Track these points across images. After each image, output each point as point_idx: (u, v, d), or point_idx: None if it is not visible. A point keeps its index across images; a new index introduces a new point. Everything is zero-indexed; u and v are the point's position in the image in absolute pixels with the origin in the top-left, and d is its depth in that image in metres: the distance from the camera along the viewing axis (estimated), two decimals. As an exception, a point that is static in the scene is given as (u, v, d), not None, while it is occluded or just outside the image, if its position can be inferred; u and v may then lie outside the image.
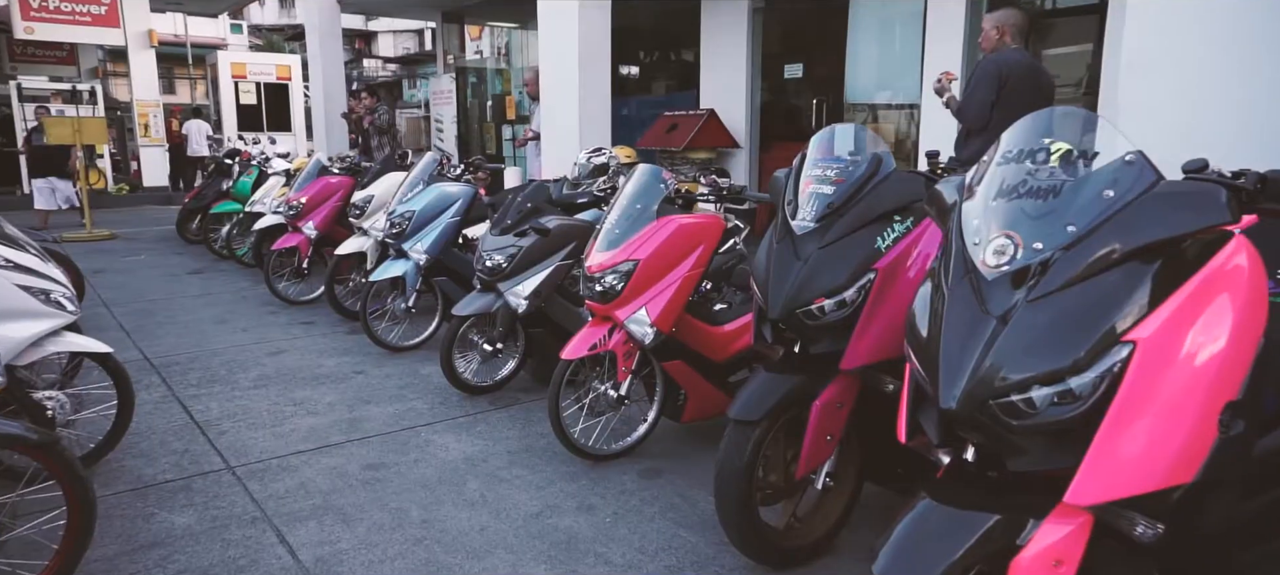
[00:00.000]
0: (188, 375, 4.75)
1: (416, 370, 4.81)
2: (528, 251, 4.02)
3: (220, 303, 6.76)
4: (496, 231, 4.14)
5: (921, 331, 1.69)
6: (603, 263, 3.23)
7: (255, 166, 8.80)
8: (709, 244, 3.26)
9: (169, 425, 3.94)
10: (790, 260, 2.43)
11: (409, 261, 5.02)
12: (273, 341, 5.50)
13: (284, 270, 6.68)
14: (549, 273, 4.06)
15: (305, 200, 6.45)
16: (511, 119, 11.27)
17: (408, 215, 4.98)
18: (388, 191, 5.90)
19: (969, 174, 1.83)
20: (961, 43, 6.11)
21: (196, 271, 8.27)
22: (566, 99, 7.01)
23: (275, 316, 6.24)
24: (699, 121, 7.77)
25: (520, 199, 4.17)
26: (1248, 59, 3.51)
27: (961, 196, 1.77)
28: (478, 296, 4.16)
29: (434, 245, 4.97)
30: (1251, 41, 3.51)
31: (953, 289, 1.63)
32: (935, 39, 6.28)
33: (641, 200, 3.28)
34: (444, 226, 5.00)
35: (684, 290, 3.21)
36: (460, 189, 5.08)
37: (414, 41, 44.70)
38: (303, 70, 16.96)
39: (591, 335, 3.27)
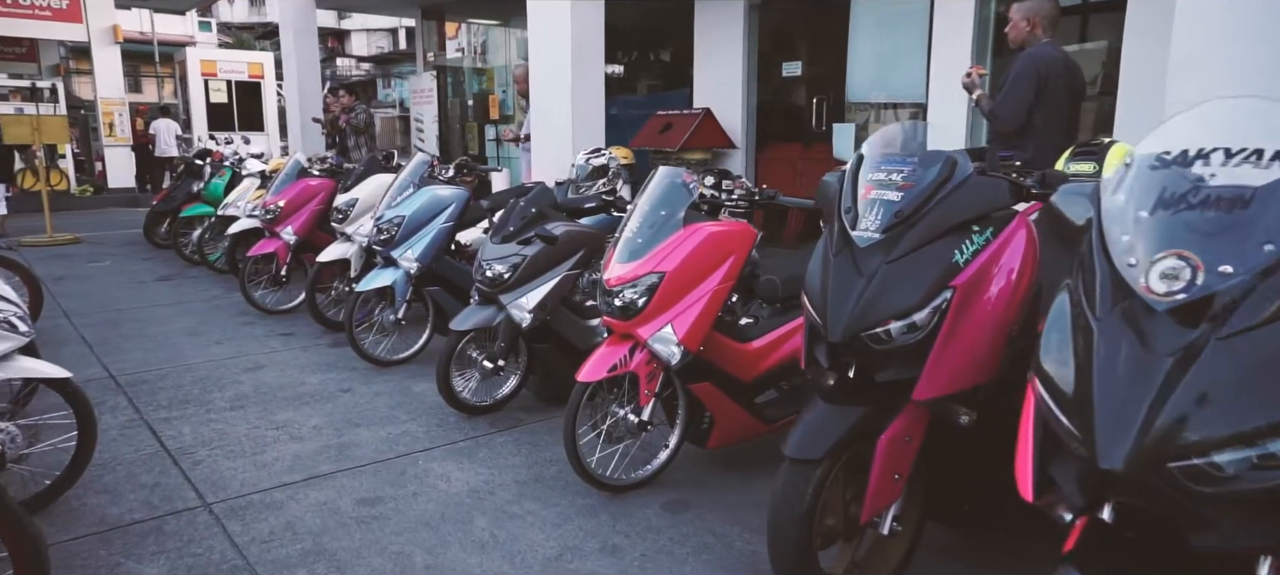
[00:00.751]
0: (157, 395, 4.35)
1: (408, 388, 4.46)
2: (532, 261, 3.70)
3: (192, 312, 6.34)
4: (497, 239, 3.81)
5: (1061, 371, 1.40)
6: (623, 275, 2.92)
7: (228, 167, 8.36)
8: (740, 254, 2.96)
9: (137, 455, 3.56)
10: (852, 276, 2.14)
11: (398, 270, 4.67)
12: (250, 355, 5.11)
13: (261, 278, 6.28)
14: (555, 284, 3.74)
15: (284, 204, 6.06)
16: (495, 118, 10.90)
17: (397, 220, 4.63)
18: (373, 195, 5.54)
19: (1101, 182, 1.54)
20: (970, 38, 5.87)
21: (166, 278, 7.82)
22: (558, 98, 6.68)
23: (252, 327, 5.85)
24: (695, 121, 7.48)
25: (523, 204, 3.84)
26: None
27: (1098, 208, 1.48)
28: (477, 309, 3.83)
29: (426, 253, 4.62)
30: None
31: (1103, 322, 1.35)
32: (942, 34, 6.04)
33: (666, 206, 2.97)
34: (436, 232, 4.65)
35: (713, 305, 2.91)
36: (453, 192, 4.74)
37: (388, 40, 44.01)
38: (276, 69, 16.43)
39: (610, 355, 2.96)
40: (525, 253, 3.71)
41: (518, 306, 3.71)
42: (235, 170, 8.29)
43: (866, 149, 2.35)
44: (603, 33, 6.68)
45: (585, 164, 5.32)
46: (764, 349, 3.18)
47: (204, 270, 8.01)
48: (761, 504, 3.07)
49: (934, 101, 6.10)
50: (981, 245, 2.10)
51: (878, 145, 2.34)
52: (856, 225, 2.19)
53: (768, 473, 3.31)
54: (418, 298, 4.84)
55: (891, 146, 2.31)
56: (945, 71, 6.06)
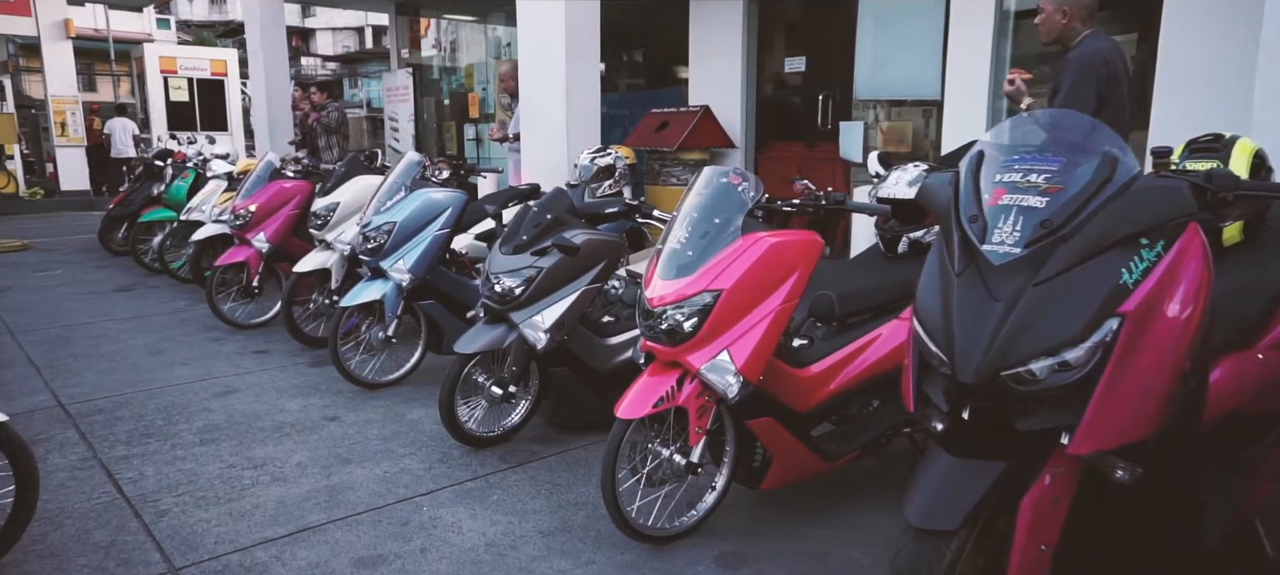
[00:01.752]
0: (114, 427, 3.81)
1: (401, 414, 3.97)
2: (549, 274, 3.24)
3: (153, 327, 5.76)
4: (508, 249, 3.34)
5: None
6: (671, 294, 2.48)
7: (191, 169, 7.75)
8: (806, 267, 2.53)
9: (90, 504, 3.03)
10: (984, 302, 1.72)
11: (389, 282, 4.17)
12: (220, 378, 4.57)
13: (230, 289, 5.72)
14: (574, 299, 3.28)
15: (255, 208, 5.51)
16: (475, 117, 10.38)
17: (387, 228, 4.13)
18: (356, 199, 5.03)
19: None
20: (990, 31, 5.53)
21: (124, 289, 7.19)
22: (551, 95, 6.21)
23: (221, 344, 5.29)
24: (693, 119, 7.06)
25: (536, 210, 3.37)
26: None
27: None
28: (485, 329, 3.36)
29: (420, 263, 4.13)
30: None
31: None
32: (959, 27, 5.69)
33: (720, 213, 2.54)
34: (431, 240, 4.16)
35: (776, 327, 2.49)
36: (449, 196, 4.25)
37: (354, 39, 43.03)
38: (240, 66, 15.68)
39: (655, 387, 2.52)
40: (540, 265, 3.25)
41: (532, 325, 3.25)
42: (199, 172, 7.69)
43: (991, 142, 1.93)
44: (598, 24, 6.23)
45: (590, 164, 4.88)
46: (822, 375, 2.76)
47: (165, 279, 7.39)
48: (823, 555, 2.66)
49: (950, 98, 5.75)
50: (1152, 262, 1.69)
51: (1007, 137, 1.92)
52: (987, 238, 1.77)
53: (823, 515, 2.91)
54: (409, 312, 4.35)
55: (1027, 139, 1.89)
56: (962, 67, 5.72)
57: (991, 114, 5.59)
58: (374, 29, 43.24)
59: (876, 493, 3.09)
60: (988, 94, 5.59)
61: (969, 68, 5.66)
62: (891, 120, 6.39)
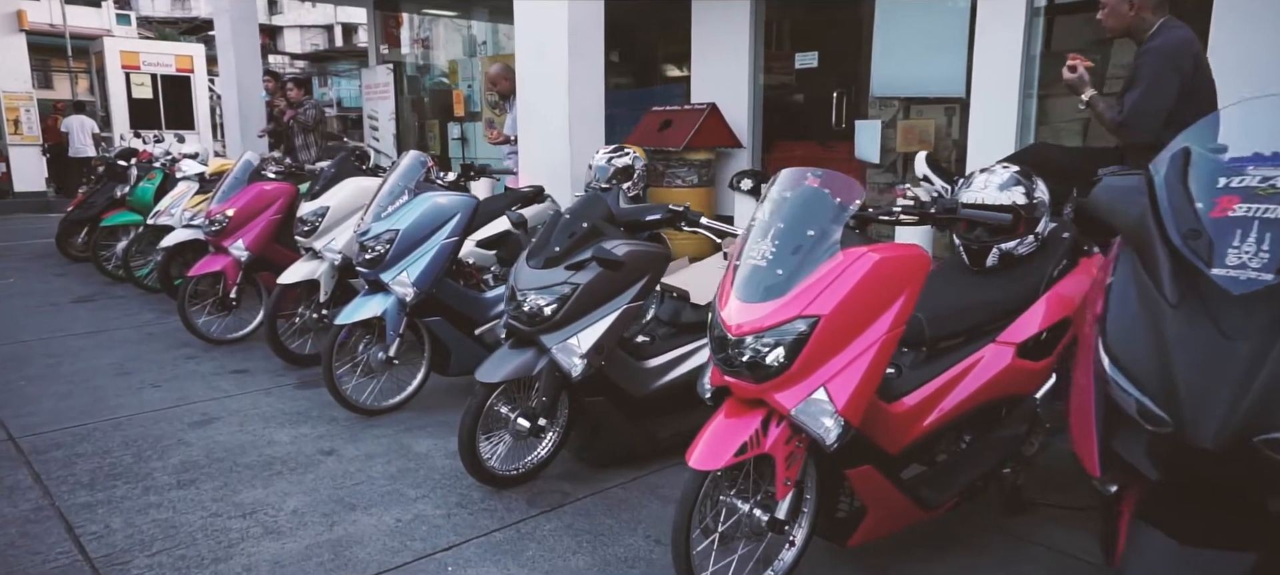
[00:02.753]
0: (75, 467, 3.29)
1: (406, 446, 3.50)
2: (587, 291, 2.80)
3: (118, 343, 5.20)
4: (537, 262, 2.90)
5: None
6: (757, 320, 2.06)
7: (158, 169, 7.16)
8: (914, 288, 2.13)
9: (45, 567, 2.53)
10: (1216, 343, 1.34)
11: (389, 298, 3.70)
12: (197, 403, 4.06)
13: (204, 300, 5.18)
14: (615, 319, 2.85)
15: (233, 213, 4.98)
16: (460, 115, 9.85)
17: (389, 236, 3.65)
18: (348, 203, 4.54)
19: None
20: (1021, 24, 5.19)
21: (84, 299, 6.58)
22: (553, 92, 5.76)
23: (196, 363, 4.76)
24: (699, 117, 6.64)
25: (568, 217, 2.93)
26: None
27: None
28: (511, 355, 2.91)
29: (425, 276, 3.66)
30: None
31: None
32: (988, 19, 5.33)
33: (814, 223, 2.12)
34: (438, 250, 3.70)
35: (881, 360, 2.08)
36: (457, 200, 3.78)
37: (323, 37, 42.01)
38: (207, 62, 14.96)
39: (735, 432, 2.09)
40: (576, 281, 2.81)
41: (566, 350, 2.81)
42: (167, 172, 7.10)
43: (1201, 138, 1.54)
44: (602, 15, 5.81)
45: (606, 164, 4.45)
46: (917, 410, 2.36)
47: (130, 289, 6.80)
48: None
49: (977, 96, 5.41)
50: None
51: (1233, 133, 1.53)
52: (1216, 260, 1.39)
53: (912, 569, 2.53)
54: (411, 329, 3.88)
55: (1265, 135, 1.50)
56: (990, 63, 5.36)
57: (1021, 113, 5.26)
58: (344, 27, 42.28)
59: (968, 545, 2.70)
60: (1017, 91, 5.25)
61: (997, 64, 5.31)
62: (911, 118, 6.03)
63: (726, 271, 2.24)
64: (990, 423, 2.60)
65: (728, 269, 2.24)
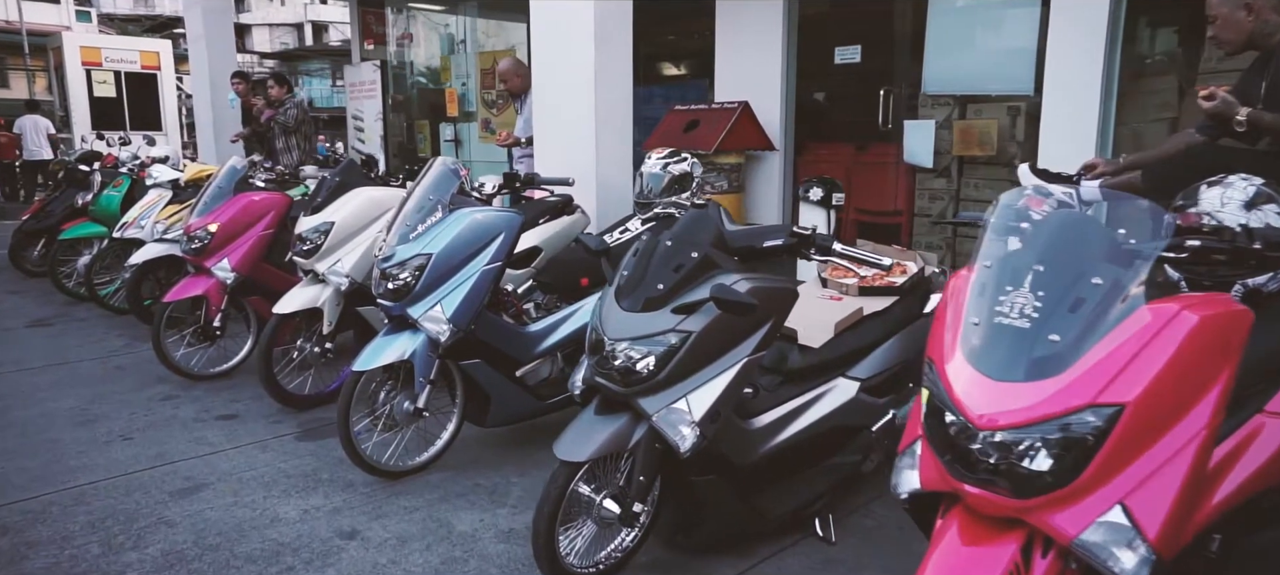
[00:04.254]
0: (27, 564, 2.54)
1: (446, 522, 2.80)
2: (702, 341, 2.14)
3: (81, 380, 4.41)
4: (633, 303, 2.22)
5: None
6: (1024, 410, 1.41)
7: (125, 175, 6.33)
8: (1236, 358, 1.50)
9: None
10: None
11: (418, 337, 2.99)
12: (179, 463, 3.31)
13: (183, 328, 4.42)
14: (734, 377, 2.19)
15: (217, 228, 4.22)
16: (454, 115, 9.09)
17: (419, 263, 2.94)
18: (355, 218, 3.81)
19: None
20: (1104, 19, 4.61)
21: (41, 323, 5.75)
22: (576, 87, 5.08)
23: (174, 406, 4.00)
24: (730, 117, 5.99)
25: (671, 243, 2.26)
26: None
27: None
28: (598, 423, 2.23)
29: (464, 310, 2.96)
30: None
31: None
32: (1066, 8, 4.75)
33: (1098, 267, 1.47)
34: (478, 279, 3.00)
35: (1200, 463, 1.44)
36: (499, 218, 3.09)
37: (292, 36, 40.66)
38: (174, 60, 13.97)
39: (983, 563, 1.45)
40: (687, 328, 2.14)
41: (674, 417, 2.14)
42: (135, 178, 6.28)
43: None
44: (630, 3, 5.15)
45: (661, 171, 3.79)
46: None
47: (94, 310, 5.98)
48: None
49: (1050, 94, 4.82)
50: None
51: None
52: None
53: None
54: (439, 372, 3.17)
55: None
56: (1065, 57, 4.78)
57: (1103, 111, 4.69)
58: (314, 26, 41.00)
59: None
60: (1099, 89, 4.68)
61: (1072, 59, 4.74)
62: (968, 119, 5.45)
63: (938, 327, 1.59)
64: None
65: (942, 327, 1.59)
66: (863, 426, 2.69)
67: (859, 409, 2.65)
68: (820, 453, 2.62)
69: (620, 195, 5.24)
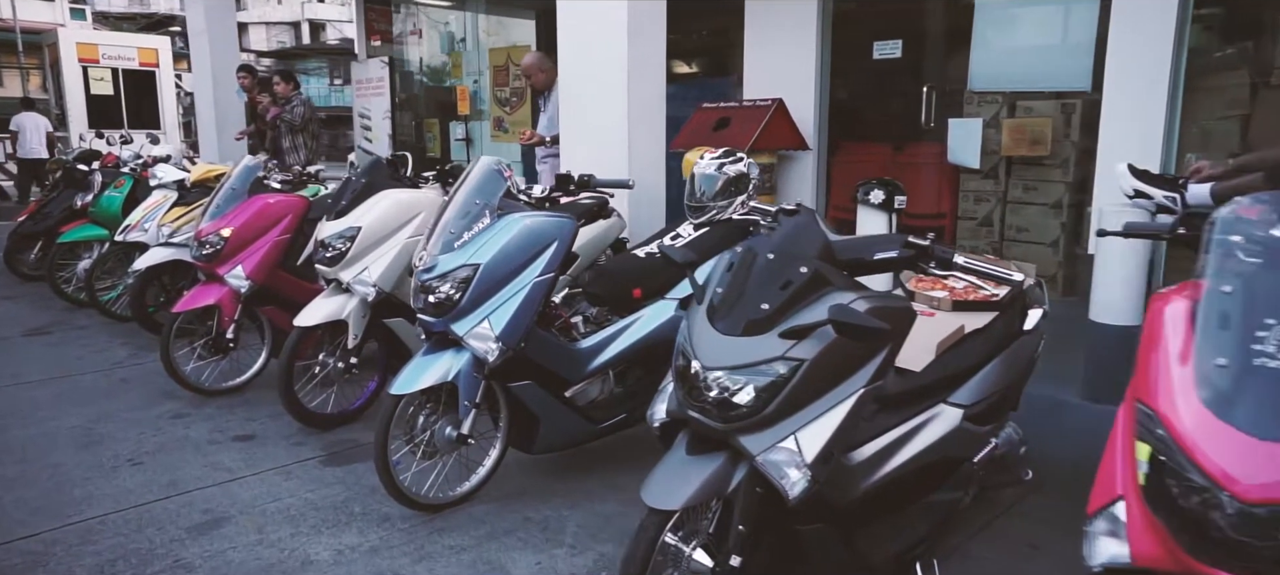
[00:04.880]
0: (29, 617, 2.24)
1: (498, 564, 2.49)
2: (815, 370, 1.83)
3: (83, 396, 4.08)
4: (726, 324, 1.91)
5: None
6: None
7: (127, 175, 6.00)
8: None
9: None
10: None
11: (462, 355, 2.68)
12: (195, 492, 3.00)
13: (193, 340, 4.10)
14: (850, 410, 1.89)
15: (231, 232, 3.90)
16: (465, 114, 8.77)
17: (465, 275, 2.63)
18: (383, 222, 3.50)
19: None
20: (1172, 11, 4.33)
21: (39, 332, 5.42)
22: (607, 83, 4.78)
23: (186, 425, 3.68)
24: (764, 115, 5.69)
25: (773, 255, 1.95)
26: None
27: None
28: (691, 465, 1.92)
29: (515, 326, 2.65)
30: None
31: None
32: (1126, 2, 4.47)
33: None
34: (530, 291, 2.69)
35: None
36: (552, 223, 2.78)
37: (289, 34, 40.21)
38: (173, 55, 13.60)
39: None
40: (799, 355, 1.84)
41: (782, 457, 1.84)
42: (137, 179, 5.95)
43: None
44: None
45: (715, 172, 3.48)
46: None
47: (95, 316, 5.64)
48: None
49: (1112, 90, 4.53)
50: None
51: None
52: None
53: None
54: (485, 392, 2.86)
55: None
56: (1128, 51, 4.48)
57: (1170, 109, 4.40)
58: (311, 24, 40.57)
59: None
60: (1166, 83, 4.39)
61: (1140, 52, 4.44)
62: (1017, 116, 5.16)
63: (1155, 367, 1.29)
64: None
65: (1156, 364, 1.29)
66: (965, 458, 2.40)
67: (963, 439, 2.36)
68: (921, 489, 2.33)
69: (653, 197, 4.94)
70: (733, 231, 3.43)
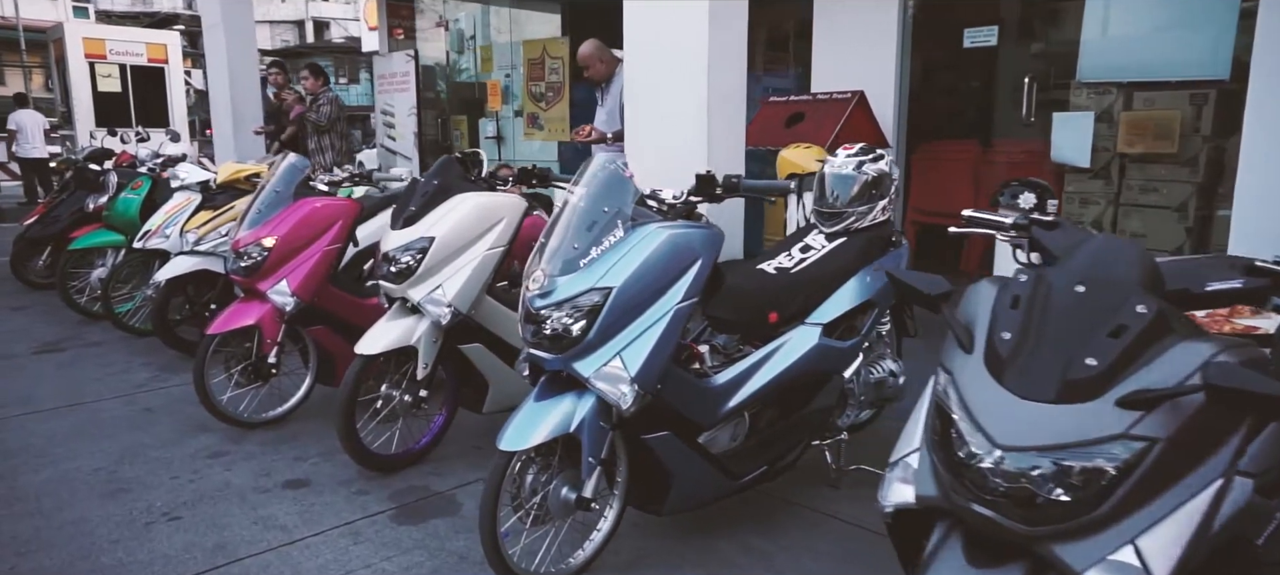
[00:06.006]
0: None
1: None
2: (1168, 457, 1.28)
3: (104, 427, 3.53)
4: (1028, 384, 1.36)
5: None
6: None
7: (145, 176, 5.44)
8: None
9: None
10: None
11: (586, 400, 2.13)
12: (245, 556, 2.45)
13: (230, 362, 3.54)
14: (1206, 513, 1.34)
15: (275, 242, 3.35)
16: (495, 110, 8.21)
17: (595, 299, 2.08)
18: (460, 232, 2.95)
19: None
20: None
21: (51, 348, 4.86)
22: (685, 73, 4.25)
23: (226, 466, 3.13)
24: (844, 109, 5.14)
25: (1079, 286, 1.40)
26: None
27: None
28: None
29: (652, 364, 2.10)
30: None
31: None
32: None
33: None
34: (671, 321, 2.14)
35: None
36: (698, 236, 2.22)
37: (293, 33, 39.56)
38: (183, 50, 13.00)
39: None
40: (1149, 435, 1.28)
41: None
42: (156, 179, 5.40)
43: None
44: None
45: (853, 172, 2.93)
46: None
47: (110, 329, 5.09)
48: None
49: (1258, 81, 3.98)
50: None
51: None
52: None
53: None
54: (601, 441, 2.31)
55: None
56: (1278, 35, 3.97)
57: (1329, 100, 3.86)
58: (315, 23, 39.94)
59: None
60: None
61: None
62: (1136, 109, 4.62)
63: None
64: None
65: None
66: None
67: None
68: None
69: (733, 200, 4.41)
70: (874, 243, 2.89)
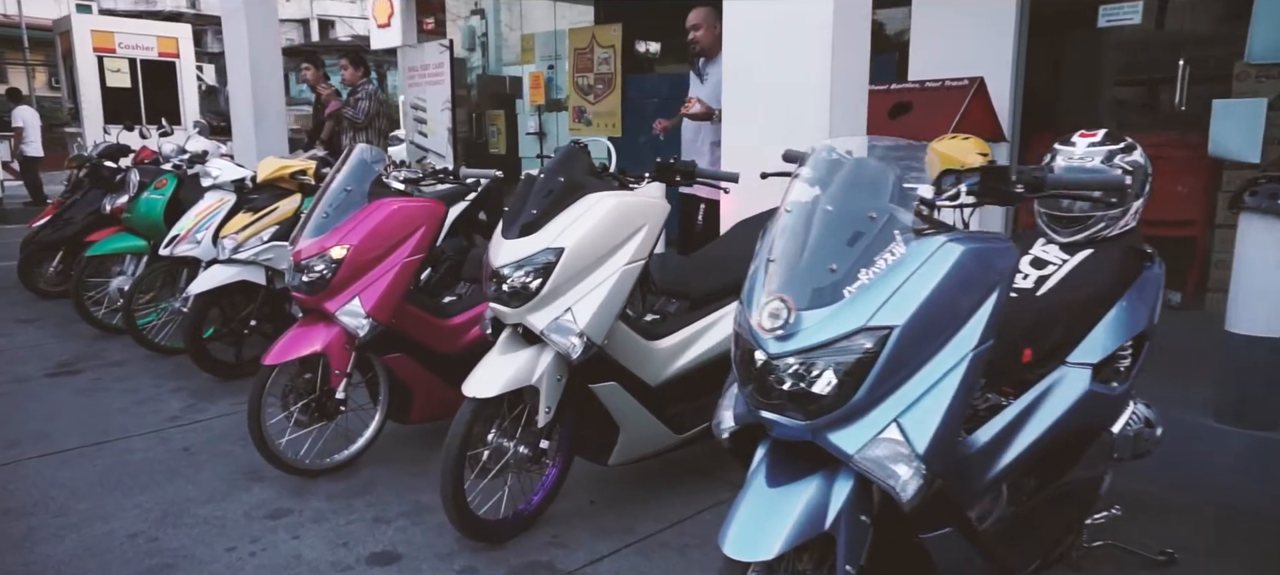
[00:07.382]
0: None
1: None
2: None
3: (135, 474, 2.88)
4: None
5: None
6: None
7: (170, 173, 4.80)
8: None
9: None
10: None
11: (845, 484, 1.49)
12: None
13: (290, 399, 2.90)
14: None
15: (347, 252, 2.71)
16: (541, 104, 7.56)
17: (869, 348, 1.44)
18: (597, 242, 2.30)
19: None
20: None
21: (67, 369, 4.22)
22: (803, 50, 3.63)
23: (292, 529, 2.48)
24: (962, 99, 4.50)
25: None
26: None
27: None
28: None
29: (943, 438, 1.46)
30: None
31: None
32: None
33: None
34: (968, 370, 1.50)
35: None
36: (997, 249, 1.58)
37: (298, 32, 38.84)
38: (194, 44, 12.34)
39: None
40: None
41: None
42: (182, 178, 4.76)
43: None
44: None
45: (1104, 166, 2.28)
46: None
47: (131, 345, 4.44)
48: None
49: None
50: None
51: None
52: None
53: None
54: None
55: None
56: None
57: None
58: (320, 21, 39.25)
59: None
60: None
61: None
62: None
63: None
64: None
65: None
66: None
67: None
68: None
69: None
70: (1131, 257, 2.24)
